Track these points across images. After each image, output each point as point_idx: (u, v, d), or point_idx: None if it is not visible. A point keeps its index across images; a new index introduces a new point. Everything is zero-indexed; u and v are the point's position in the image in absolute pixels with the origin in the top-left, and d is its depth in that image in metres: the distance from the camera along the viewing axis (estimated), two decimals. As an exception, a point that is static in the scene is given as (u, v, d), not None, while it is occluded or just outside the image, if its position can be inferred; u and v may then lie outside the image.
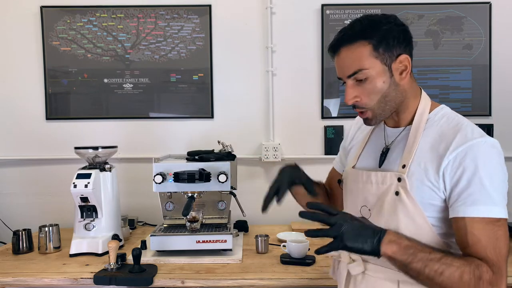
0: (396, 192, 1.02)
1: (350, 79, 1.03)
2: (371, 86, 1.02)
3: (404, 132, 1.09)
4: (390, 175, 1.04)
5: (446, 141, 0.98)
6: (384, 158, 1.10)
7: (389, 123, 1.14)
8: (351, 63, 1.01)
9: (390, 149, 1.10)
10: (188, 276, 1.48)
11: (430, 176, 0.98)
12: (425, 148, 1.01)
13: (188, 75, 2.28)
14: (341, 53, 1.03)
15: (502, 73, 2.25)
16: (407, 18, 2.23)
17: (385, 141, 1.13)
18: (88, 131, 2.29)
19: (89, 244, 1.74)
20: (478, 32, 2.24)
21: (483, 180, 0.93)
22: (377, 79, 1.01)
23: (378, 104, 1.03)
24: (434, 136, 1.02)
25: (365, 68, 1.00)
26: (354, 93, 1.03)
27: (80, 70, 2.27)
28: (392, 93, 1.03)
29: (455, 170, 0.95)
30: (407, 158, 1.02)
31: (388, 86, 1.02)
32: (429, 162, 0.99)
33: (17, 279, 1.50)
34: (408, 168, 1.01)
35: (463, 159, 0.95)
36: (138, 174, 2.26)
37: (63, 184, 1.89)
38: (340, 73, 1.06)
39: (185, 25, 2.26)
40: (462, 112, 2.20)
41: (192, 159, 1.79)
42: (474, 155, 0.94)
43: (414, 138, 1.04)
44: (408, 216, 1.00)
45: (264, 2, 2.24)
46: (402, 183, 1.01)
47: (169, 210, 1.88)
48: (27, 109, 2.29)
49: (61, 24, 2.26)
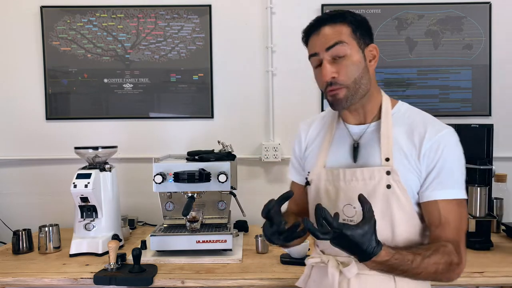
0: (388, 185, 1.05)
1: (328, 54, 1.05)
2: (348, 63, 1.05)
3: (371, 128, 1.12)
4: (378, 169, 1.06)
5: (419, 132, 1.06)
6: (357, 154, 1.11)
7: (352, 121, 1.16)
8: (332, 36, 1.05)
9: (360, 145, 1.12)
10: (188, 276, 1.48)
11: (413, 164, 1.05)
12: (401, 140, 1.07)
13: (188, 75, 2.28)
14: (321, 30, 1.07)
15: (502, 73, 2.25)
16: (407, 18, 2.23)
17: (352, 138, 1.14)
18: (88, 131, 2.29)
19: (89, 244, 1.74)
20: (478, 32, 2.24)
21: (453, 166, 1.04)
22: (354, 58, 1.06)
23: (353, 84, 1.06)
24: (405, 129, 1.08)
25: (346, 42, 1.05)
26: (332, 69, 1.06)
27: (80, 70, 2.27)
28: (364, 77, 1.08)
29: (432, 157, 1.04)
30: (388, 151, 1.06)
31: (362, 69, 1.07)
32: (409, 152, 1.05)
33: (17, 279, 1.50)
34: (393, 160, 1.05)
35: (438, 148, 1.03)
36: (138, 174, 2.26)
37: (63, 184, 1.89)
38: (319, 46, 1.07)
39: (185, 25, 2.26)
40: (462, 112, 2.25)
41: (192, 159, 1.79)
42: (445, 144, 1.04)
43: (387, 132, 1.08)
44: (401, 207, 1.04)
45: (264, 2, 2.24)
46: (392, 175, 1.04)
47: (169, 210, 1.88)
48: (27, 109, 2.29)
49: (61, 24, 2.26)
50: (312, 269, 1.21)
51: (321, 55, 1.07)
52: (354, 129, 1.15)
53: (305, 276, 1.24)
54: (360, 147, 1.12)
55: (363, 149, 1.11)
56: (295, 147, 1.29)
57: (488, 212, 1.76)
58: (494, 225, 2.00)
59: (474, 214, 1.75)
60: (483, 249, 1.73)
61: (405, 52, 2.25)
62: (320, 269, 1.16)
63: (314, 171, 1.17)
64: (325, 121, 1.24)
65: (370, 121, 1.14)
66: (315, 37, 1.08)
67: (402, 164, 1.05)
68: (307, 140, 1.25)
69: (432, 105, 2.25)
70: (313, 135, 1.24)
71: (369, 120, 1.14)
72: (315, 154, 1.19)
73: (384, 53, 2.25)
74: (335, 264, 1.09)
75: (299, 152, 1.27)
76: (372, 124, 1.13)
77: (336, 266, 1.09)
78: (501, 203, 2.04)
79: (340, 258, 1.09)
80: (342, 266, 1.08)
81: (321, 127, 1.23)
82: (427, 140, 1.04)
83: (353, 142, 1.13)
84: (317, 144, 1.21)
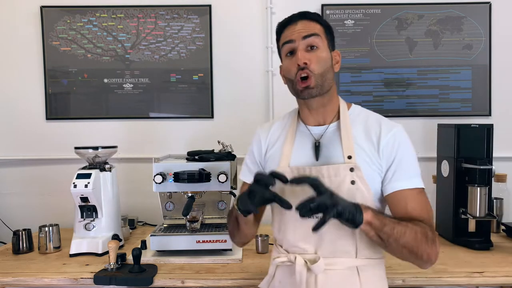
0: (352, 181, 1.11)
1: (303, 44, 1.14)
2: (320, 55, 1.15)
3: (331, 128, 1.20)
4: (343, 166, 1.12)
5: (375, 130, 1.16)
6: (319, 152, 1.17)
7: (311, 122, 1.23)
8: (309, 28, 1.16)
9: (321, 144, 1.18)
10: (188, 276, 1.48)
11: (374, 159, 1.13)
12: (360, 138, 1.15)
13: (188, 75, 2.28)
14: (298, 23, 1.17)
15: (502, 73, 2.25)
16: (407, 18, 2.23)
17: (313, 138, 1.20)
18: (88, 131, 2.29)
19: (89, 244, 1.74)
20: (478, 32, 2.24)
21: (410, 158, 1.13)
22: (324, 53, 1.16)
23: (322, 75, 1.15)
24: (362, 128, 1.17)
25: (320, 36, 1.16)
26: (306, 56, 1.14)
27: (80, 70, 2.27)
28: (329, 74, 1.17)
29: (390, 151, 1.13)
30: (349, 149, 1.14)
31: (329, 66, 1.17)
32: (368, 149, 1.14)
33: (17, 279, 1.50)
34: (355, 158, 1.12)
35: (394, 143, 1.13)
36: (138, 174, 2.26)
37: (63, 184, 1.89)
38: (296, 34, 1.15)
39: (185, 25, 2.26)
40: (462, 112, 2.26)
41: (192, 159, 1.79)
42: (399, 139, 1.14)
43: (346, 131, 1.16)
44: (364, 201, 1.07)
45: (264, 2, 2.24)
46: (356, 172, 1.11)
47: (169, 210, 1.88)
48: (27, 109, 2.29)
49: (61, 24, 2.26)
50: (276, 269, 1.23)
51: (296, 43, 1.15)
52: (315, 130, 1.22)
53: (269, 277, 1.25)
54: (321, 146, 1.18)
55: (325, 148, 1.18)
56: (253, 151, 1.32)
57: (488, 212, 1.76)
58: (494, 225, 2.00)
59: (474, 214, 1.75)
60: (483, 249, 1.73)
61: (405, 52, 2.25)
62: (285, 268, 1.19)
63: (278, 170, 1.18)
64: (285, 123, 1.29)
65: (329, 122, 1.21)
66: (292, 27, 1.17)
67: (363, 160, 1.12)
68: (267, 143, 1.29)
69: (432, 105, 2.25)
70: (273, 137, 1.28)
71: (328, 121, 1.21)
72: (278, 155, 1.23)
73: (384, 53, 2.25)
74: (302, 262, 1.13)
75: (259, 155, 1.31)
76: (332, 124, 1.20)
77: (304, 264, 1.12)
78: (501, 203, 2.04)
79: (307, 256, 1.14)
80: (309, 263, 1.12)
81: (282, 130, 1.28)
82: (384, 136, 1.13)
83: (314, 141, 1.19)
84: (279, 146, 1.25)
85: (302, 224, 1.11)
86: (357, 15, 2.24)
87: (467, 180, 1.80)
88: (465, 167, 1.80)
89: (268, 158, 1.27)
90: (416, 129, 2.25)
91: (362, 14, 2.24)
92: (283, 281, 1.19)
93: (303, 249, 1.15)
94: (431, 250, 1.06)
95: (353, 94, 2.25)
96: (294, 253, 1.16)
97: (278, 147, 1.24)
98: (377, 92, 2.25)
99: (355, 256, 1.13)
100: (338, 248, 1.13)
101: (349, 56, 2.25)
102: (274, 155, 1.24)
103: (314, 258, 1.12)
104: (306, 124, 1.24)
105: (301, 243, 1.15)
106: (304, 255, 1.14)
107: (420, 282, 1.44)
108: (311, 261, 1.12)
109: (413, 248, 1.05)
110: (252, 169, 1.31)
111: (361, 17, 2.24)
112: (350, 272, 1.12)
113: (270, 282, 1.24)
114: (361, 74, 2.26)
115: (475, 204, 1.75)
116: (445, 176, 1.90)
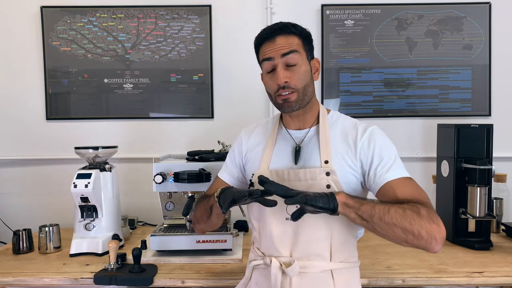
0: (328, 185, 1.13)
1: (282, 62, 1.15)
2: (299, 70, 1.16)
3: (310, 133, 1.23)
4: (319, 170, 1.14)
5: (351, 134, 1.19)
6: (298, 156, 1.20)
7: (292, 127, 1.27)
8: (287, 45, 1.16)
9: (301, 148, 1.21)
10: (188, 276, 1.48)
11: (350, 163, 1.15)
12: (337, 143, 1.18)
13: (188, 75, 2.28)
14: (276, 39, 1.16)
15: (502, 73, 2.25)
16: (407, 18, 2.23)
17: (294, 142, 1.24)
18: (88, 131, 2.29)
19: (89, 244, 1.74)
20: (478, 32, 2.24)
21: (388, 153, 1.14)
22: (303, 67, 1.18)
23: (303, 90, 1.18)
24: (339, 133, 1.21)
25: (298, 52, 1.16)
26: (286, 74, 1.16)
27: (80, 70, 2.27)
28: (310, 86, 1.21)
29: (367, 153, 1.15)
30: (327, 154, 1.16)
31: (309, 79, 1.20)
32: (345, 153, 1.17)
33: (17, 279, 1.50)
34: (331, 162, 1.15)
35: (369, 142, 1.16)
36: (138, 174, 2.26)
37: (63, 184, 1.89)
38: (274, 52, 1.16)
39: (185, 25, 2.26)
40: (462, 112, 2.26)
41: (192, 159, 1.79)
42: (375, 138, 1.16)
43: (325, 136, 1.19)
44: None
45: (264, 2, 2.24)
46: (331, 176, 1.13)
47: (169, 210, 1.88)
48: (27, 109, 2.29)
49: (61, 24, 2.26)
50: (253, 271, 1.25)
51: (276, 60, 1.16)
52: (296, 134, 1.25)
53: (245, 279, 1.28)
54: (301, 150, 1.21)
55: (304, 152, 1.20)
56: (234, 151, 1.36)
57: (488, 212, 1.76)
58: (494, 225, 2.00)
59: (474, 214, 1.75)
60: (483, 249, 1.73)
61: (405, 52, 2.25)
62: (261, 271, 1.21)
63: (258, 172, 1.22)
64: (268, 127, 1.33)
65: (309, 126, 1.25)
66: (269, 44, 1.17)
67: (339, 164, 1.15)
68: (248, 145, 1.32)
69: (432, 105, 2.25)
70: (256, 140, 1.31)
71: (308, 126, 1.25)
72: (259, 157, 1.26)
73: (384, 53, 2.25)
74: (277, 265, 1.15)
75: (239, 156, 1.34)
76: (312, 128, 1.24)
77: (279, 266, 1.15)
78: (500, 203, 2.04)
79: (282, 259, 1.16)
80: (284, 266, 1.14)
81: (264, 133, 1.31)
82: (359, 139, 1.17)
83: (295, 145, 1.23)
84: (260, 148, 1.28)
85: (278, 228, 1.15)
86: (357, 15, 2.24)
87: (467, 180, 1.81)
88: (465, 167, 1.80)
89: (248, 159, 1.31)
90: (416, 129, 2.25)
91: (362, 14, 2.24)
92: (259, 283, 1.22)
93: (279, 252, 1.17)
94: (430, 226, 0.98)
95: (353, 94, 2.25)
96: (270, 256, 1.18)
97: (259, 150, 1.27)
98: (377, 92, 2.25)
99: (329, 259, 1.15)
100: (313, 251, 1.15)
101: (349, 56, 2.25)
102: (254, 157, 1.28)
103: (289, 261, 1.15)
104: (288, 128, 1.28)
105: (277, 246, 1.17)
106: (280, 258, 1.16)
107: (420, 282, 1.44)
108: (286, 264, 1.15)
109: (406, 225, 0.98)
110: (230, 168, 1.37)
111: (361, 17, 2.24)
112: (324, 275, 1.14)
113: (247, 284, 1.26)
114: (361, 74, 2.26)
115: (475, 204, 1.75)
116: (445, 176, 1.90)
